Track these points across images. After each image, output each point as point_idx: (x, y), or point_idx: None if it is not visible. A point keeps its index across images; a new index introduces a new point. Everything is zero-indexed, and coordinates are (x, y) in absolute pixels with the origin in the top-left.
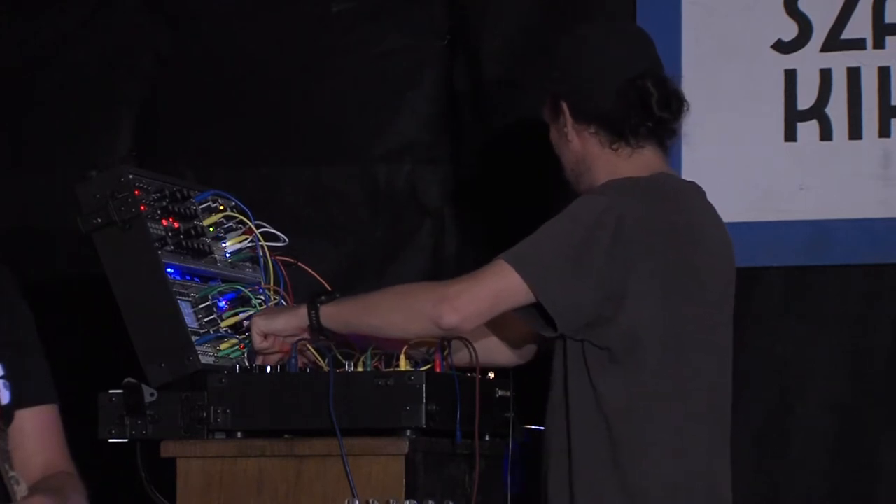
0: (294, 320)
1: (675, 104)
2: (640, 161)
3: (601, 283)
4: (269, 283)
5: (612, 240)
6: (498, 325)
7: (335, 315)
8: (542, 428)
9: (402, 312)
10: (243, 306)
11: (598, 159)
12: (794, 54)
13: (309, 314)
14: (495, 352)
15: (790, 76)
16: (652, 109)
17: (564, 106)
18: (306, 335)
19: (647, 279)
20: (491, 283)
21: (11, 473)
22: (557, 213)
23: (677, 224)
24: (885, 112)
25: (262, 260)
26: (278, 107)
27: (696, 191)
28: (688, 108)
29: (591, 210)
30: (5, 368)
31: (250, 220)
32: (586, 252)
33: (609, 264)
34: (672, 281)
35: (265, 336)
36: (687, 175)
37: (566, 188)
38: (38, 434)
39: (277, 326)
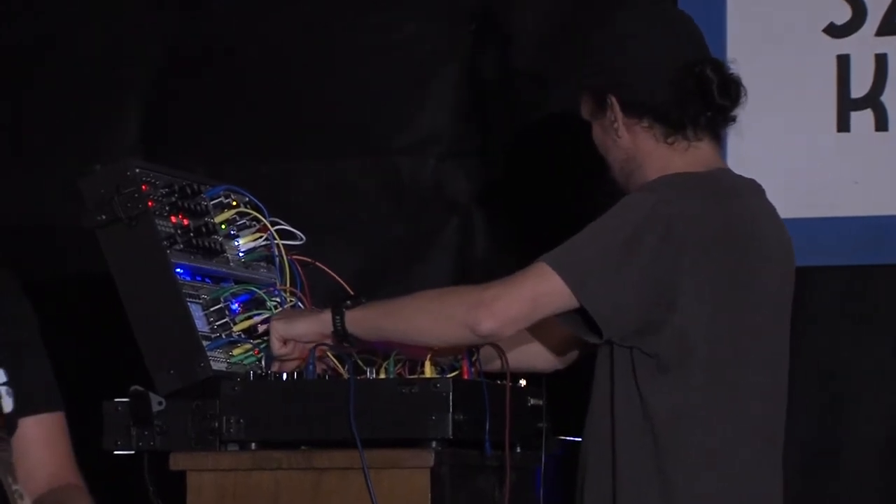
0: (317, 325)
1: (734, 91)
2: (695, 156)
3: (649, 286)
4: (285, 285)
5: (661, 240)
6: (538, 327)
7: (362, 321)
8: (576, 439)
9: (436, 318)
10: (257, 309)
11: (651, 155)
12: (848, 38)
13: (333, 319)
14: (533, 356)
15: (843, 62)
16: (712, 97)
17: (612, 100)
18: (329, 341)
19: (699, 283)
20: (530, 287)
21: (15, 487)
22: (597, 210)
23: (733, 224)
24: None
25: (277, 259)
26: (294, 97)
27: (754, 189)
28: (745, 96)
29: (639, 208)
30: (7, 374)
31: (265, 217)
32: (633, 253)
33: (658, 267)
34: (726, 285)
35: (285, 341)
36: (734, 169)
37: (606, 185)
38: (43, 443)
39: (299, 331)
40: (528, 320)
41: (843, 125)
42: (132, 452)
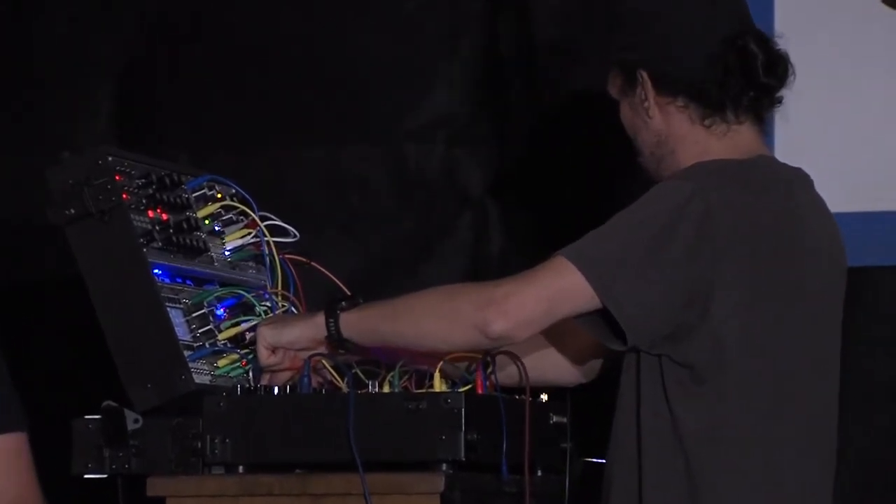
0: (309, 330)
1: (781, 68)
2: (735, 140)
3: (682, 286)
4: (277, 287)
5: (696, 234)
6: (556, 335)
7: (358, 323)
8: (604, 461)
9: (441, 318)
10: (245, 314)
11: (686, 139)
12: None
13: (327, 323)
14: (552, 368)
15: None
16: (756, 75)
17: (644, 76)
18: (323, 348)
19: (738, 284)
20: (547, 284)
21: None
22: (625, 203)
23: (777, 218)
24: None
25: (267, 259)
26: (288, 76)
27: (801, 179)
28: (793, 74)
29: (672, 198)
30: None
31: (254, 212)
32: (665, 248)
33: (692, 264)
34: (768, 286)
35: (273, 350)
36: (780, 157)
37: (637, 173)
38: (3, 467)
39: (289, 338)
40: (543, 322)
41: None
42: (104, 476)
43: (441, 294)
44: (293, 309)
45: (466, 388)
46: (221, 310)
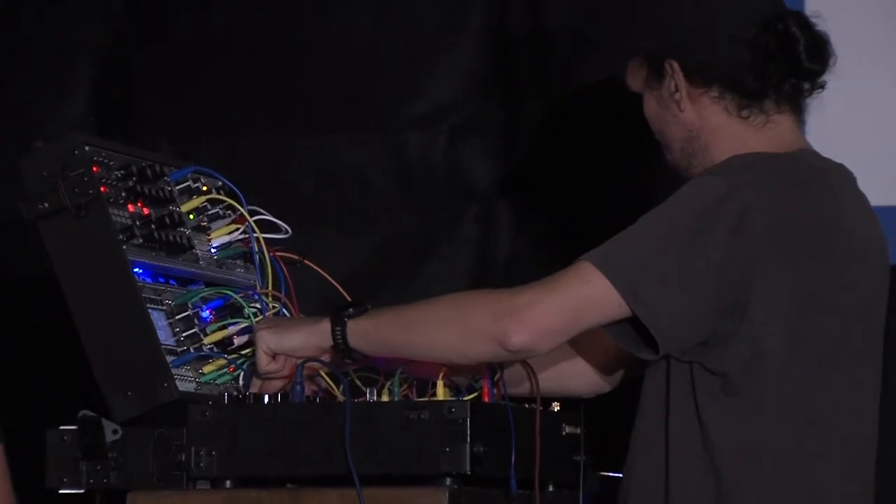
0: (313, 338)
1: (825, 52)
2: (774, 133)
3: (717, 291)
4: (267, 287)
5: (732, 235)
6: (575, 341)
7: (368, 333)
8: (621, 475)
9: (456, 330)
10: (233, 317)
11: (721, 132)
12: None
13: (333, 332)
14: (570, 377)
15: None
16: (799, 60)
17: (675, 66)
18: (327, 357)
19: (777, 287)
20: (572, 292)
21: None
22: (648, 197)
23: (818, 217)
24: None
25: (257, 256)
26: (280, 59)
27: (843, 175)
28: (835, 59)
29: (705, 196)
30: None
31: (242, 206)
32: (699, 251)
33: (728, 267)
34: (808, 289)
35: (274, 356)
36: (814, 147)
37: (662, 167)
38: None
39: (292, 344)
40: (568, 332)
41: None
42: (81, 491)
43: (456, 302)
44: (284, 311)
45: (472, 396)
46: (207, 312)
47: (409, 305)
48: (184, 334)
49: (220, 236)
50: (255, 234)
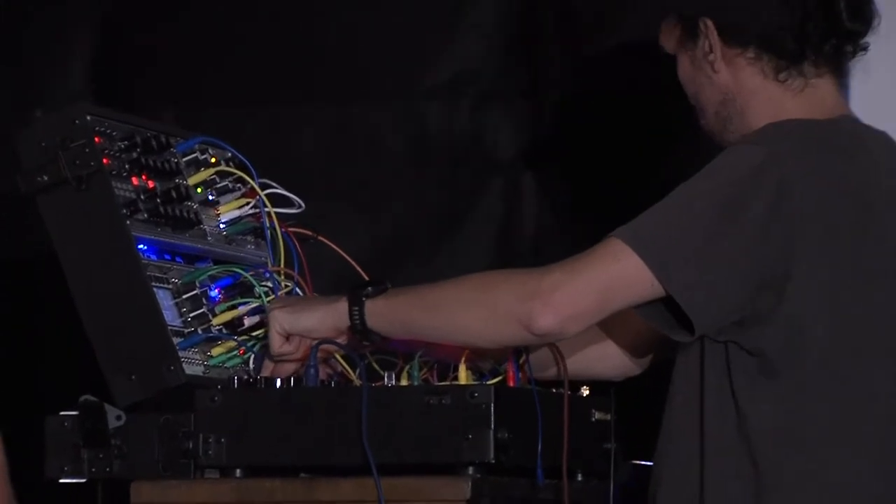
0: (329, 318)
1: (868, 10)
2: (814, 98)
3: (755, 267)
4: (279, 265)
5: (770, 208)
6: (604, 321)
7: (388, 314)
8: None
9: (480, 313)
10: (243, 296)
11: (757, 96)
12: None
13: (350, 312)
14: (598, 360)
15: None
16: (840, 18)
17: (709, 25)
18: (343, 339)
19: (820, 263)
20: (601, 271)
21: None
22: (684, 170)
23: (863, 189)
24: None
25: (268, 232)
26: (291, 24)
27: (887, 145)
28: (879, 19)
29: (742, 167)
30: None
31: (253, 179)
32: (735, 225)
33: (766, 242)
34: (852, 265)
35: (288, 337)
36: (856, 114)
37: (698, 136)
38: None
39: (308, 324)
40: (597, 314)
41: None
42: (83, 481)
43: (480, 283)
44: (297, 290)
45: (496, 380)
46: (216, 291)
47: (431, 285)
48: (191, 315)
49: (230, 211)
50: (266, 209)
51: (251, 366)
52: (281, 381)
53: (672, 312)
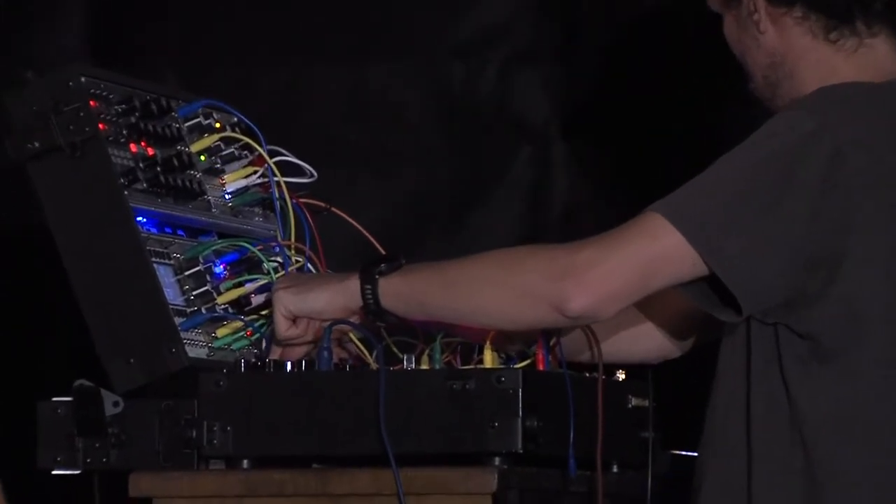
0: (339, 298)
1: None
2: (868, 59)
3: (807, 243)
4: (289, 239)
5: (823, 180)
6: (641, 300)
7: (403, 293)
8: (696, 454)
9: (507, 293)
10: (250, 273)
11: (807, 57)
12: None
13: (363, 291)
14: (634, 341)
15: None
16: None
17: None
18: (355, 320)
19: (875, 238)
20: (639, 248)
21: None
22: (728, 139)
23: None
24: None
25: (277, 203)
26: None
27: None
28: None
29: (791, 135)
30: None
31: (261, 146)
32: (785, 198)
33: (819, 216)
34: None
35: (294, 319)
36: None
37: (746, 101)
38: None
39: (316, 305)
40: (635, 295)
41: None
42: (78, 472)
43: (506, 260)
44: (309, 266)
45: (525, 363)
46: (221, 267)
47: (451, 262)
48: (194, 292)
49: (236, 180)
50: (275, 178)
51: (263, 347)
52: (292, 364)
53: (717, 291)
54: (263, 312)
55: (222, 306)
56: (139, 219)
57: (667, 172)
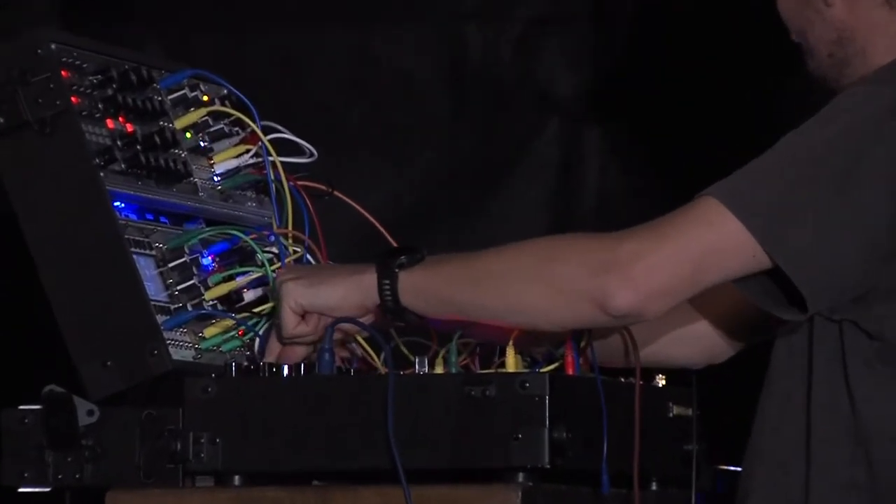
0: (355, 293)
1: None
2: None
3: (882, 232)
4: (286, 226)
5: None
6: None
7: (426, 289)
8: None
9: (542, 289)
10: (242, 265)
11: (881, 31)
12: None
13: (380, 286)
14: (676, 342)
15: None
16: None
17: None
18: (371, 318)
19: None
20: (693, 238)
21: None
22: (789, 116)
23: None
24: None
25: (273, 186)
26: None
27: None
28: None
29: (864, 112)
30: None
31: (254, 121)
32: (858, 182)
33: (892, 203)
34: None
35: (304, 315)
36: None
37: (802, 75)
38: None
39: (330, 301)
40: (687, 291)
41: None
42: (47, 490)
43: (542, 251)
44: (308, 257)
45: (552, 367)
46: (209, 258)
47: (479, 254)
48: (179, 287)
49: (226, 160)
50: (270, 158)
51: (255, 350)
52: (289, 368)
53: (779, 286)
54: (257, 310)
55: (210, 303)
56: (117, 204)
57: (718, 153)
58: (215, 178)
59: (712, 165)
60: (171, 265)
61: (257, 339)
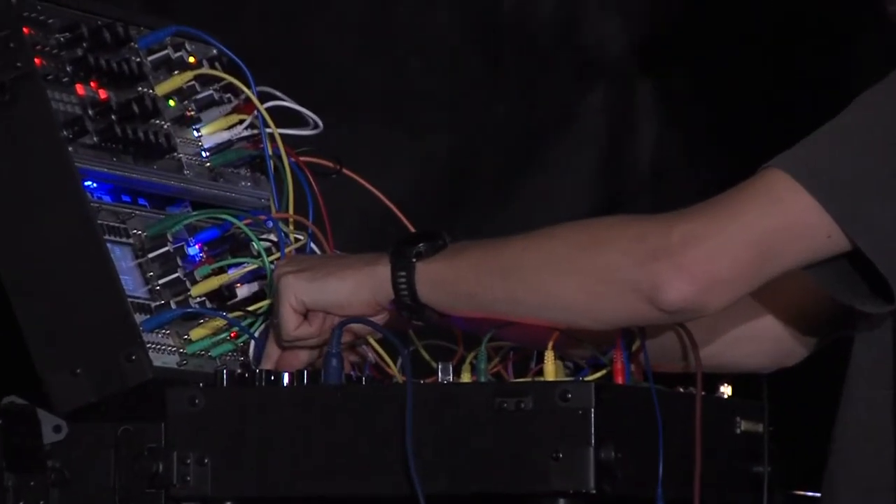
0: (366, 287)
1: None
2: None
3: None
4: (286, 210)
5: None
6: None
7: (447, 281)
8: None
9: (582, 280)
10: (235, 255)
11: None
12: None
13: (395, 279)
14: (742, 343)
15: None
16: None
17: None
18: (385, 316)
19: None
20: (758, 217)
21: None
22: (861, 78)
23: None
24: None
25: (271, 163)
26: None
27: None
28: None
29: None
30: None
31: (249, 88)
32: None
33: None
34: None
35: (307, 314)
36: None
37: (882, 30)
38: None
39: (337, 297)
40: (752, 281)
41: None
42: None
43: (581, 236)
44: (313, 245)
45: (598, 375)
46: (196, 247)
47: (509, 241)
48: (161, 281)
49: (216, 132)
50: (268, 130)
51: (251, 355)
52: (290, 376)
53: (859, 272)
54: (252, 308)
55: (198, 299)
56: (88, 183)
57: (784, 119)
58: (203, 154)
59: (781, 134)
60: (151, 255)
61: (252, 343)
